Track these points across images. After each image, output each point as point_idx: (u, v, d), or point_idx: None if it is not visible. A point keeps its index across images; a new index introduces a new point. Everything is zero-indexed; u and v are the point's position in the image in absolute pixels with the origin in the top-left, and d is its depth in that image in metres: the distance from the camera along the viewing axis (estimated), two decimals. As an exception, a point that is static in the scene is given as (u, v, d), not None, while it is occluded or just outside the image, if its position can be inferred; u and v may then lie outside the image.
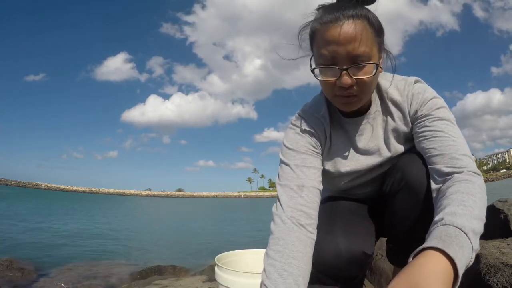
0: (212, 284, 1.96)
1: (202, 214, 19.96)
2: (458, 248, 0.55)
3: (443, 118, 0.80)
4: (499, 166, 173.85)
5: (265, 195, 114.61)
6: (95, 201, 34.39)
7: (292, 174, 0.84)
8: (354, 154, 0.92)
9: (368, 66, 0.74)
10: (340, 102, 0.81)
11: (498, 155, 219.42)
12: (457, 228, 0.58)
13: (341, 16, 0.73)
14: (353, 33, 0.72)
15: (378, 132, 0.90)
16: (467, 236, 0.57)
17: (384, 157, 0.90)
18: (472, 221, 0.60)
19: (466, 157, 0.74)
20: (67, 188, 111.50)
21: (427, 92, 0.85)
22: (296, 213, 0.78)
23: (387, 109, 0.89)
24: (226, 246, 5.79)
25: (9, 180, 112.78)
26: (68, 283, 3.14)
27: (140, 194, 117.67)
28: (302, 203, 0.79)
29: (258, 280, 0.81)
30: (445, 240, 0.55)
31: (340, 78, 0.75)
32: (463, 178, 0.70)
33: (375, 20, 0.76)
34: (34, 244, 5.50)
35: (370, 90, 0.80)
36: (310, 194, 0.81)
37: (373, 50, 0.75)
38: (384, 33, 0.80)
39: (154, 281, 2.25)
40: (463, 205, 0.63)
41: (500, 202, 2.42)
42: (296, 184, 0.82)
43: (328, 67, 0.76)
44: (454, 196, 0.66)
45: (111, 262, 4.43)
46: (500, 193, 11.07)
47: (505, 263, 1.08)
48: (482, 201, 0.67)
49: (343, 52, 0.73)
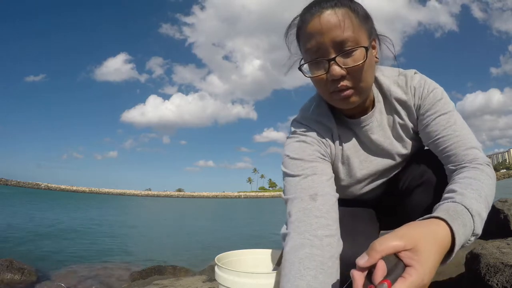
0: (212, 284, 1.96)
1: (202, 214, 19.94)
2: (462, 226, 0.56)
3: (444, 112, 0.80)
4: (499, 166, 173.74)
5: (265, 195, 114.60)
6: (95, 201, 34.35)
7: (302, 185, 0.74)
8: (368, 156, 0.88)
9: (357, 52, 0.69)
10: (338, 99, 0.74)
11: (498, 155, 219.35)
12: (465, 208, 0.59)
13: (320, 8, 0.70)
14: (334, 20, 0.67)
15: (387, 131, 0.87)
16: (473, 218, 0.58)
17: (399, 155, 0.89)
18: (479, 205, 0.61)
19: (471, 149, 0.75)
20: (67, 188, 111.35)
21: (427, 84, 0.83)
22: (309, 227, 0.68)
23: (393, 107, 0.86)
24: (226, 246, 5.79)
25: (9, 180, 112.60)
26: (68, 283, 3.14)
27: (140, 194, 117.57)
28: (317, 214, 0.69)
29: (258, 280, 0.80)
30: (452, 215, 0.56)
31: (329, 70, 0.69)
32: (471, 167, 0.71)
33: (359, 8, 0.72)
34: (34, 244, 5.50)
35: (366, 79, 0.73)
36: (326, 203, 0.71)
37: (361, 36, 0.70)
38: (372, 20, 0.76)
39: (154, 281, 2.24)
40: (471, 188, 0.64)
41: (500, 202, 2.42)
42: (308, 194, 0.72)
43: (314, 61, 0.72)
44: (462, 180, 0.67)
45: (111, 262, 4.43)
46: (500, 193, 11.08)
47: (505, 263, 1.08)
48: (489, 188, 0.67)
49: (327, 41, 0.68)
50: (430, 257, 0.48)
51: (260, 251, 1.11)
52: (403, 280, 0.45)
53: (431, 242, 0.50)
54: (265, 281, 0.81)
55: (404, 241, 0.48)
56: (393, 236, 0.49)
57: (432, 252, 0.49)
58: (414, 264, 0.47)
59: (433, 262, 0.49)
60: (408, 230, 0.51)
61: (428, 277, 0.47)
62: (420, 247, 0.48)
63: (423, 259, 0.47)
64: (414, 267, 0.46)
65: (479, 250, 1.24)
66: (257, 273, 0.82)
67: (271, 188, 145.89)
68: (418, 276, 0.46)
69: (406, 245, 0.47)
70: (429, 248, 0.49)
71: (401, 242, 0.48)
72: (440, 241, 0.52)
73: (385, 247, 0.47)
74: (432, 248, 0.49)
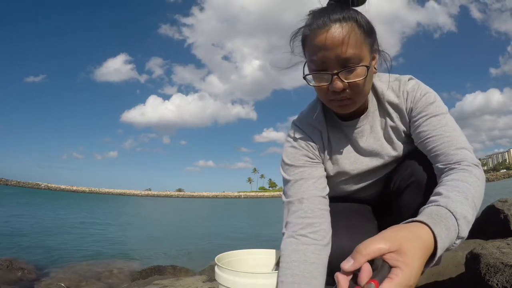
0: (212, 284, 1.96)
1: (202, 214, 19.96)
2: (445, 229, 0.55)
3: (435, 114, 0.82)
4: (499, 166, 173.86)
5: (265, 195, 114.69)
6: (95, 201, 34.37)
7: (293, 189, 0.87)
8: (358, 157, 0.92)
9: (359, 69, 0.74)
10: (336, 106, 0.81)
11: (498, 155, 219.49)
12: (449, 212, 0.59)
13: (328, 21, 0.73)
14: (340, 37, 0.71)
15: (378, 133, 0.91)
16: (457, 222, 0.58)
17: (388, 156, 0.91)
18: (464, 207, 0.61)
19: (461, 150, 0.75)
20: (67, 188, 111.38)
21: (420, 89, 0.86)
22: (296, 227, 0.82)
23: (385, 110, 0.90)
24: (226, 246, 5.80)
25: (9, 180, 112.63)
26: (68, 283, 3.14)
27: (140, 194, 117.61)
28: (302, 215, 0.83)
29: (258, 280, 0.81)
30: (435, 218, 0.56)
31: (332, 83, 0.75)
32: (460, 168, 0.71)
33: (364, 22, 0.75)
34: (34, 244, 5.50)
35: (364, 91, 0.80)
36: (311, 204, 0.83)
37: (363, 52, 0.75)
38: (375, 33, 0.80)
39: (154, 281, 2.24)
40: (457, 191, 0.64)
41: (500, 202, 2.42)
42: (297, 198, 0.85)
43: (319, 73, 0.77)
44: (449, 182, 0.67)
45: (111, 262, 4.43)
46: (500, 193, 11.07)
47: (505, 263, 1.08)
48: (477, 190, 0.67)
49: (332, 57, 0.73)
50: (415, 258, 0.48)
51: (260, 251, 1.11)
52: (390, 281, 0.45)
53: (415, 244, 0.49)
54: (265, 281, 0.81)
55: (389, 243, 0.47)
56: (378, 239, 0.49)
57: (417, 254, 0.49)
58: (400, 265, 0.46)
59: (418, 264, 0.48)
60: (392, 232, 0.51)
61: (414, 278, 0.47)
62: (405, 249, 0.47)
63: (409, 260, 0.47)
64: (400, 268, 0.46)
65: (479, 250, 1.24)
66: (257, 273, 0.82)
67: (271, 188, 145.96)
68: (405, 277, 0.45)
69: (391, 247, 0.47)
70: (414, 250, 0.48)
71: (386, 244, 0.47)
72: (423, 243, 0.51)
73: (370, 250, 0.47)
74: (417, 250, 0.49)
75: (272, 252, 1.09)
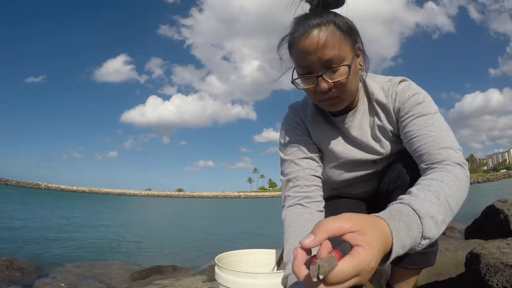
0: (212, 284, 1.96)
1: (202, 214, 19.97)
2: (405, 226, 0.53)
3: (422, 114, 0.82)
4: (499, 166, 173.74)
5: (265, 195, 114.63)
6: (95, 201, 34.40)
7: (289, 169, 0.94)
8: (347, 146, 0.96)
9: (341, 68, 0.78)
10: (325, 105, 0.86)
11: (498, 155, 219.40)
12: (412, 209, 0.57)
13: (308, 27, 0.77)
14: (320, 41, 0.76)
15: (366, 131, 0.94)
16: (420, 220, 0.56)
17: (375, 153, 0.94)
18: (433, 206, 0.59)
19: (445, 149, 0.74)
20: (67, 188, 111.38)
21: (410, 90, 0.87)
22: (294, 199, 0.90)
23: (373, 109, 0.93)
24: (226, 246, 5.80)
25: (9, 180, 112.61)
26: (68, 283, 3.14)
27: (140, 194, 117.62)
28: (299, 190, 0.91)
29: (258, 280, 0.81)
30: (394, 215, 0.54)
31: (318, 85, 0.80)
32: (439, 167, 0.71)
33: (342, 23, 0.79)
34: (34, 244, 5.50)
35: (350, 89, 0.83)
36: (306, 181, 0.91)
37: (344, 52, 0.78)
38: (356, 32, 0.84)
39: (154, 281, 2.24)
40: (428, 190, 0.62)
41: (500, 202, 2.42)
42: (294, 176, 0.93)
43: (304, 76, 0.82)
44: (423, 182, 0.66)
45: (111, 262, 4.43)
46: (500, 193, 11.05)
47: (505, 263, 1.08)
48: (454, 190, 0.65)
49: (315, 60, 0.77)
50: (376, 241, 0.46)
51: (260, 251, 1.11)
52: (352, 257, 0.43)
53: (376, 230, 0.48)
54: (265, 281, 0.81)
55: (351, 223, 0.46)
56: (339, 218, 0.47)
57: (378, 237, 0.47)
58: (361, 244, 0.44)
59: (379, 247, 0.46)
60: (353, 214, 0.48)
61: (375, 261, 0.45)
62: (366, 230, 0.46)
63: (370, 240, 0.45)
64: (362, 246, 0.44)
65: (479, 250, 1.24)
66: (257, 273, 0.82)
67: (271, 188, 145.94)
68: (366, 256, 0.43)
69: (352, 227, 0.45)
70: (374, 234, 0.47)
71: (348, 224, 0.45)
72: (382, 232, 0.49)
73: (331, 226, 0.45)
74: (377, 234, 0.47)
75: (272, 252, 1.09)
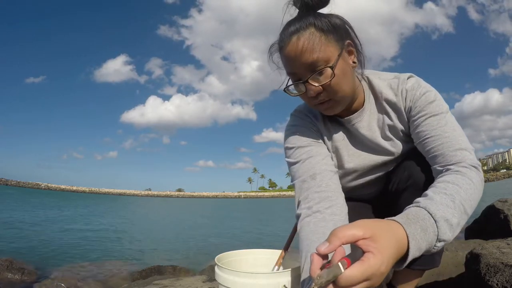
0: (212, 284, 1.96)
1: (202, 214, 19.95)
2: (421, 230, 0.55)
3: (435, 113, 0.80)
4: (499, 166, 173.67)
5: (265, 195, 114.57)
6: (95, 201, 34.37)
7: (302, 168, 0.84)
8: (356, 151, 0.92)
9: (326, 70, 0.76)
10: (321, 109, 0.84)
11: (498, 155, 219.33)
12: (428, 213, 0.58)
13: (288, 34, 0.76)
14: (299, 46, 0.74)
15: (375, 131, 0.90)
16: (436, 224, 0.58)
17: (386, 154, 0.91)
18: (448, 210, 0.60)
19: (460, 151, 0.74)
20: (67, 188, 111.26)
21: (420, 87, 0.84)
22: (312, 202, 0.78)
23: (383, 109, 0.89)
24: (226, 246, 5.80)
25: (9, 180, 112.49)
26: (68, 283, 3.14)
27: (140, 194, 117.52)
28: (317, 190, 0.79)
29: (258, 280, 0.80)
30: (411, 219, 0.56)
31: (306, 90, 0.78)
32: (454, 170, 0.71)
33: (323, 23, 0.76)
34: (34, 244, 5.50)
35: (342, 90, 0.79)
36: (324, 178, 0.81)
37: (327, 52, 0.75)
38: (342, 29, 0.79)
39: (154, 281, 2.24)
40: (444, 193, 0.63)
41: (500, 202, 2.42)
42: (309, 175, 0.82)
43: (293, 84, 0.81)
44: (439, 184, 0.67)
45: (111, 262, 4.43)
46: (500, 193, 11.05)
47: (505, 263, 1.08)
48: (469, 193, 0.65)
49: (299, 66, 0.76)
50: (388, 247, 0.49)
51: (260, 251, 1.11)
52: (362, 263, 0.46)
53: (389, 234, 0.50)
54: (265, 281, 0.81)
55: (363, 230, 0.49)
56: (353, 225, 0.50)
57: (390, 243, 0.49)
58: (372, 250, 0.47)
59: (391, 253, 0.49)
60: (367, 221, 0.51)
61: (386, 266, 0.48)
62: (378, 236, 0.49)
63: (381, 246, 0.48)
64: (372, 252, 0.47)
65: (479, 250, 1.24)
66: (257, 273, 0.82)
67: (271, 188, 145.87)
68: (376, 262, 0.46)
69: (365, 234, 0.48)
70: (387, 240, 0.49)
71: (360, 231, 0.48)
72: (396, 237, 0.52)
73: (345, 234, 0.48)
74: (390, 240, 0.50)
75: (272, 252, 1.09)
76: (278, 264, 1.01)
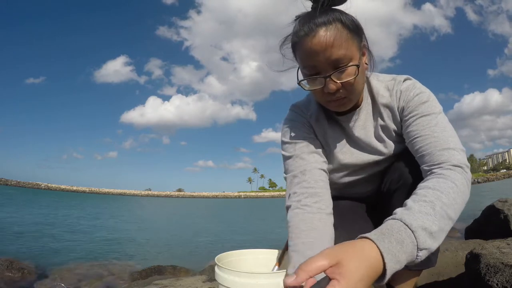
0: (212, 284, 1.96)
1: (202, 214, 19.95)
2: (396, 243, 0.54)
3: (426, 113, 0.81)
4: (499, 166, 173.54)
5: (265, 195, 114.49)
6: (95, 201, 34.36)
7: (295, 164, 0.89)
8: (349, 148, 0.94)
9: (349, 68, 0.76)
10: (333, 106, 0.84)
11: (498, 155, 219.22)
12: (404, 224, 0.58)
13: (314, 26, 0.74)
14: (327, 40, 0.73)
15: (369, 131, 0.92)
16: (414, 234, 0.57)
17: (378, 154, 0.92)
18: (427, 217, 0.59)
19: (447, 150, 0.73)
20: (67, 188, 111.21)
21: (414, 88, 0.86)
22: (301, 196, 0.83)
23: (377, 109, 0.91)
24: (226, 246, 5.80)
25: (9, 180, 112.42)
26: (68, 283, 3.14)
27: (140, 194, 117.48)
28: (306, 185, 0.84)
29: (258, 280, 0.80)
30: (385, 233, 0.55)
31: (326, 85, 0.77)
32: (438, 173, 0.70)
33: (349, 21, 0.76)
34: (34, 244, 5.50)
35: (358, 89, 0.81)
36: (314, 176, 0.86)
37: (352, 51, 0.76)
38: (362, 30, 0.81)
39: (154, 281, 2.24)
40: (423, 201, 0.62)
41: (500, 202, 2.42)
42: (300, 171, 0.87)
43: (312, 78, 0.79)
44: (419, 191, 0.66)
45: (111, 262, 4.43)
46: (500, 193, 11.04)
47: (505, 263, 1.08)
48: (451, 197, 0.64)
49: (323, 60, 0.75)
50: (354, 271, 0.48)
51: (260, 251, 1.11)
52: None
53: (355, 257, 0.50)
54: (265, 281, 0.81)
55: (328, 259, 0.49)
56: (318, 256, 0.50)
57: (358, 266, 0.49)
58: (336, 277, 0.48)
59: (359, 275, 0.49)
60: (332, 249, 0.52)
61: None
62: (343, 262, 0.49)
63: (346, 272, 0.48)
64: (337, 279, 0.47)
65: (479, 250, 1.24)
66: (257, 273, 0.82)
67: (271, 188, 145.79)
68: None
69: (331, 262, 0.49)
70: (353, 263, 0.49)
71: (326, 261, 0.49)
72: (365, 257, 0.51)
73: (311, 267, 0.48)
74: (357, 263, 0.50)
75: (272, 252, 1.09)
76: (278, 264, 1.01)
